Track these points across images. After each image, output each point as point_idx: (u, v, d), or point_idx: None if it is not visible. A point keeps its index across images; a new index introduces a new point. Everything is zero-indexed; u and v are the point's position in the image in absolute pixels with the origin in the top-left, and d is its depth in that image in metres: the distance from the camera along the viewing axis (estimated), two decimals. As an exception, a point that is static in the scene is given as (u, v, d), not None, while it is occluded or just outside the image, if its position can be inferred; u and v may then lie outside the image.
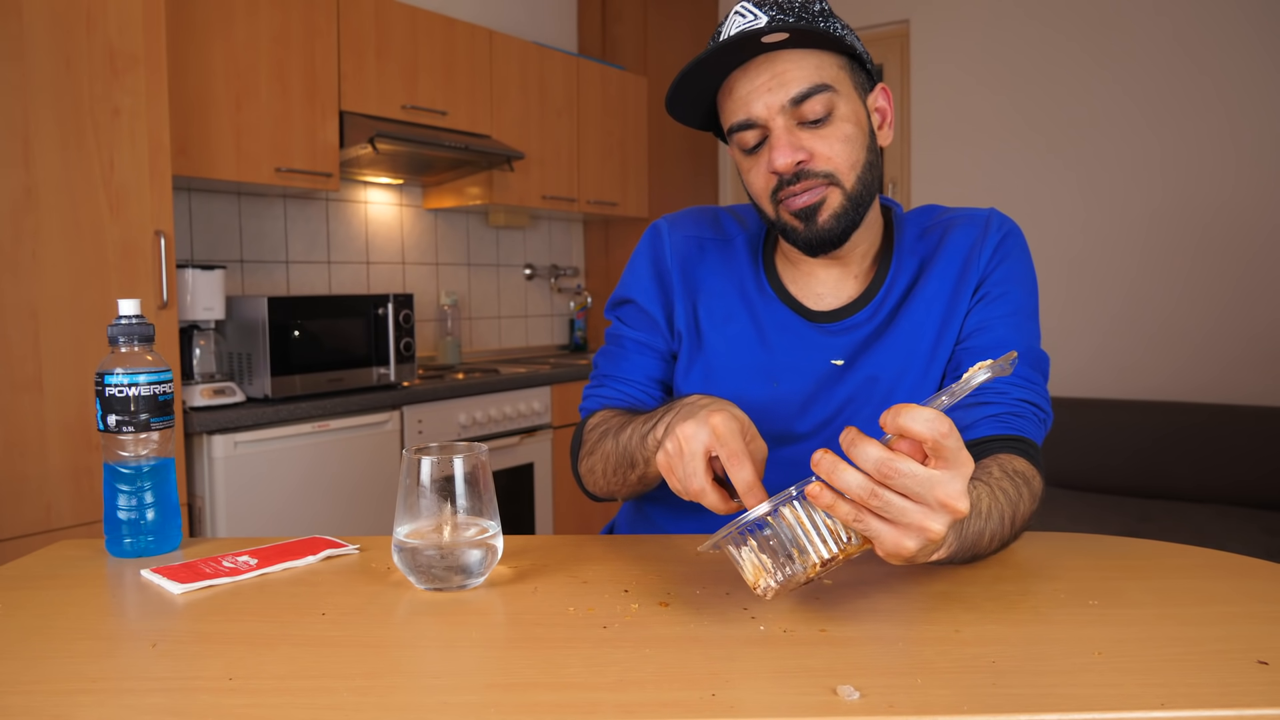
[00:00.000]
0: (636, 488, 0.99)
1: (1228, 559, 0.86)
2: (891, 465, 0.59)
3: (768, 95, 0.92)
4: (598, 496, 1.08)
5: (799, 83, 0.91)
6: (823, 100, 0.92)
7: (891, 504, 0.60)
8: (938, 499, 0.60)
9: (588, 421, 1.08)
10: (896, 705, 0.55)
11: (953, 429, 0.60)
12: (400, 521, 0.78)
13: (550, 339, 3.95)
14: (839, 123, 0.93)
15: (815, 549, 0.65)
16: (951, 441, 0.60)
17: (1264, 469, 2.78)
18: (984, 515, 0.77)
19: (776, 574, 0.66)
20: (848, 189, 0.94)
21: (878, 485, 0.60)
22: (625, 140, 3.75)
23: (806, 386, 1.02)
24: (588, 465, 1.04)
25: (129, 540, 0.89)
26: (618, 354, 1.11)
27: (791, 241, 0.98)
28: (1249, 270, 3.07)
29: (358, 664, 0.62)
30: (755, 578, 0.67)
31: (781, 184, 0.94)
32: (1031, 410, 0.95)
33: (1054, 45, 3.37)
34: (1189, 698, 0.56)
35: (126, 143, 1.95)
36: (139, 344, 0.90)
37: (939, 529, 0.61)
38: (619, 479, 0.98)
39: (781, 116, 0.92)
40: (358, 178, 3.06)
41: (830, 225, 0.95)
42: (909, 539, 0.61)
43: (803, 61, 0.92)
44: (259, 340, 2.30)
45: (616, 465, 0.97)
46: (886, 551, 0.63)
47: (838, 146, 0.93)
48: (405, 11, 2.82)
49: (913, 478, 0.60)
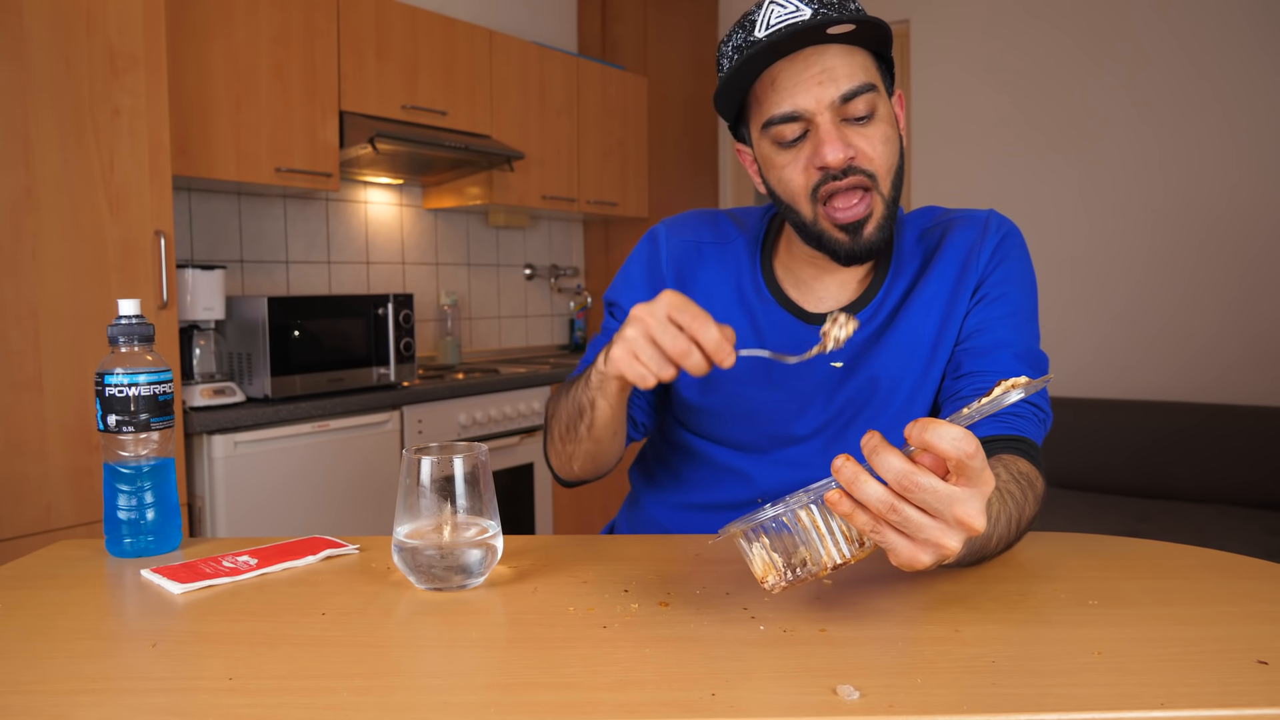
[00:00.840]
0: (585, 444, 0.97)
1: (1228, 559, 0.86)
2: (913, 479, 0.59)
3: (818, 89, 0.90)
4: (565, 480, 1.08)
5: (849, 79, 0.90)
6: (868, 99, 0.91)
7: (910, 519, 0.60)
8: (955, 516, 0.59)
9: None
10: (896, 705, 0.55)
11: (979, 449, 0.58)
12: (400, 521, 0.78)
13: (550, 339, 3.95)
14: (880, 123, 0.93)
15: (829, 552, 0.65)
16: (976, 462, 0.59)
17: (1264, 469, 2.78)
18: (992, 520, 0.77)
19: (786, 573, 0.66)
20: (885, 195, 0.94)
21: (897, 499, 0.59)
22: (625, 140, 3.75)
23: (806, 389, 1.02)
24: (549, 439, 1.05)
25: (129, 540, 0.89)
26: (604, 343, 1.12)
27: (826, 249, 0.96)
28: (1250, 270, 3.07)
29: (358, 664, 0.62)
30: (764, 573, 0.67)
31: (825, 179, 0.92)
32: (1032, 410, 0.95)
33: (1054, 45, 3.37)
34: (1189, 698, 0.56)
35: (126, 143, 1.95)
36: (139, 344, 0.90)
37: (954, 546, 0.60)
38: (572, 437, 0.97)
39: (829, 111, 0.91)
40: (358, 178, 3.06)
41: (875, 238, 0.94)
42: (924, 554, 0.61)
43: (851, 59, 0.91)
44: (259, 340, 2.30)
45: (567, 422, 0.97)
46: (900, 561, 0.63)
47: (880, 147, 0.93)
48: (405, 11, 2.82)
49: (933, 493, 0.59)
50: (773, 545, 0.66)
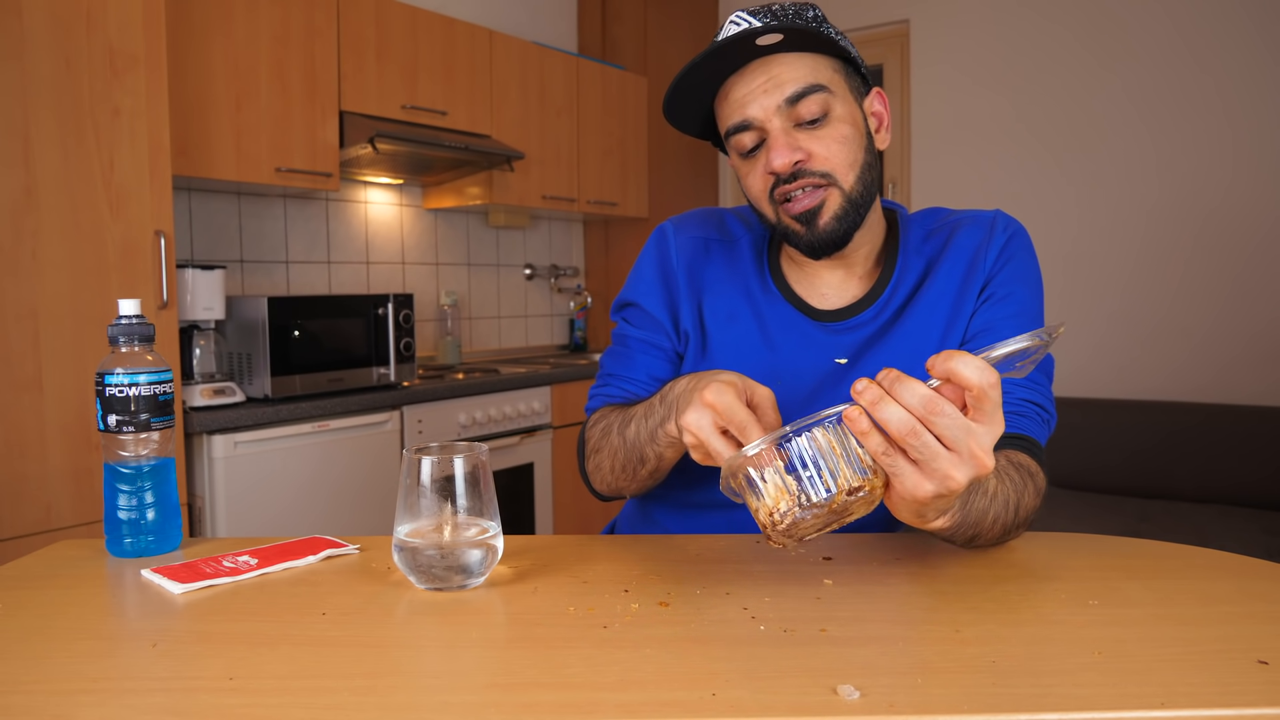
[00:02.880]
0: (648, 482, 0.99)
1: (1228, 559, 0.86)
2: (938, 405, 0.60)
3: (764, 97, 0.92)
4: (605, 496, 1.08)
5: (794, 83, 0.92)
6: (818, 100, 0.92)
7: (928, 445, 0.61)
8: (970, 450, 0.61)
9: (590, 419, 1.09)
10: (896, 705, 0.55)
11: (999, 382, 0.61)
12: (400, 521, 0.78)
13: (550, 339, 3.95)
14: (835, 123, 0.94)
15: (844, 474, 0.64)
16: (995, 394, 0.61)
17: (1264, 469, 2.78)
18: (989, 495, 0.77)
19: (800, 497, 0.64)
20: (846, 189, 0.95)
21: (919, 424, 0.61)
22: (625, 140, 3.75)
23: (810, 385, 1.02)
24: (594, 463, 1.04)
25: (129, 540, 0.89)
26: (623, 353, 1.12)
27: (794, 245, 0.99)
28: (1248, 269, 3.07)
29: (358, 664, 0.62)
30: (776, 501, 0.65)
31: (778, 183, 0.95)
32: (1035, 410, 0.96)
33: (1054, 45, 3.38)
34: (1189, 698, 0.56)
35: (126, 143, 1.95)
36: (139, 344, 0.90)
37: (961, 480, 0.62)
38: (628, 474, 0.99)
39: (778, 117, 0.93)
40: (358, 178, 3.06)
41: (832, 227, 0.95)
42: (930, 483, 0.62)
43: (797, 63, 0.93)
44: (259, 340, 2.30)
45: (625, 461, 0.97)
46: (902, 493, 0.63)
47: (835, 147, 0.94)
48: (405, 11, 2.82)
49: (955, 422, 0.60)
50: (786, 469, 0.65)
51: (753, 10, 0.94)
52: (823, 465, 0.64)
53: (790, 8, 0.95)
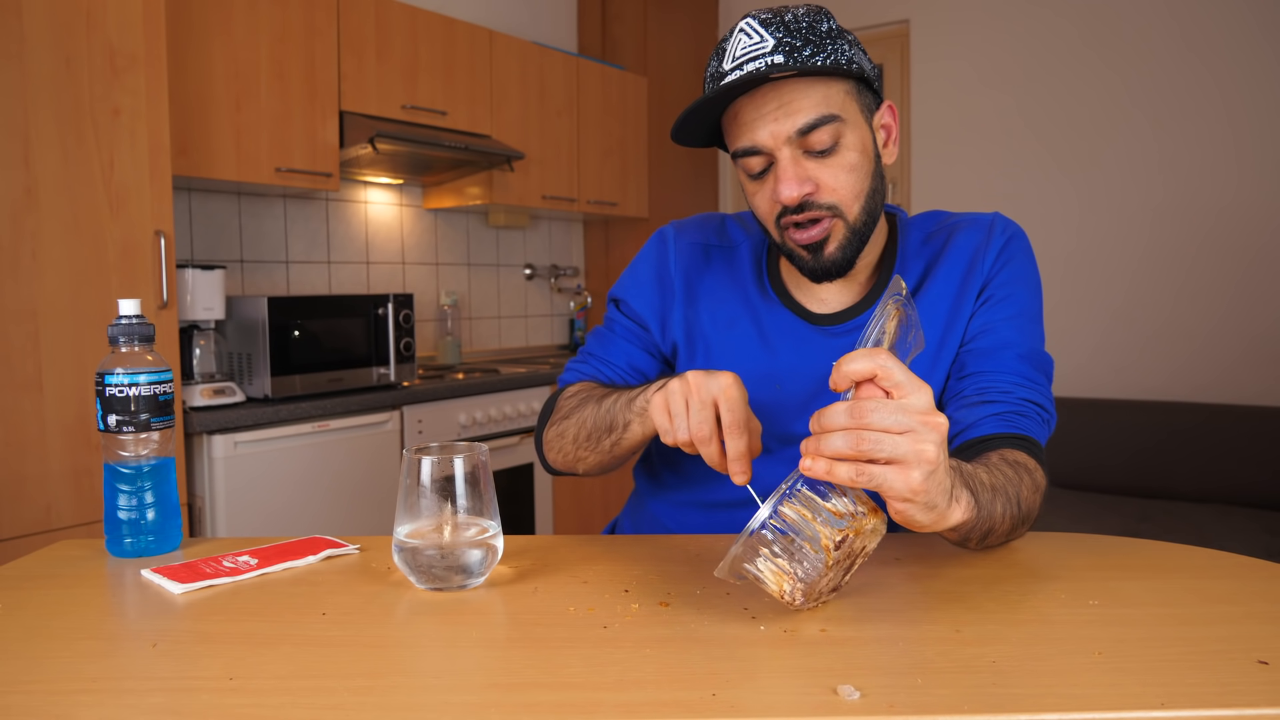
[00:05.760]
0: (605, 456, 0.99)
1: (1228, 559, 0.86)
2: (860, 405, 0.63)
3: (774, 125, 0.91)
4: (555, 468, 1.08)
5: (806, 113, 0.90)
6: (830, 130, 0.91)
7: (880, 440, 0.63)
8: (916, 419, 0.63)
9: (564, 390, 1.10)
10: (896, 705, 0.55)
11: (890, 357, 0.64)
12: (400, 521, 0.78)
13: (550, 339, 3.95)
14: (845, 152, 0.92)
15: (824, 535, 0.66)
16: (895, 368, 0.64)
17: (1264, 469, 2.78)
18: (989, 487, 0.77)
19: (796, 571, 0.66)
20: (851, 220, 0.95)
21: (859, 430, 0.63)
22: (625, 140, 3.75)
23: (809, 388, 1.02)
24: (556, 430, 1.05)
25: (129, 540, 0.89)
26: (607, 336, 1.14)
27: (797, 267, 0.99)
28: (1250, 270, 3.07)
29: (358, 664, 0.63)
30: (779, 584, 0.67)
31: (785, 211, 0.94)
32: (1035, 410, 0.96)
33: (1055, 44, 3.37)
34: (1189, 698, 0.56)
35: (126, 143, 1.95)
36: (139, 344, 0.90)
37: (931, 449, 0.63)
38: (590, 444, 0.99)
39: (788, 146, 0.91)
40: (358, 178, 3.06)
41: (836, 256, 0.96)
42: (912, 469, 0.63)
43: (810, 91, 0.90)
44: (259, 340, 2.30)
45: (592, 430, 0.98)
46: (899, 495, 0.64)
47: (843, 177, 0.93)
48: (405, 11, 2.81)
49: (884, 407, 0.63)
50: (773, 554, 0.67)
51: (764, 20, 0.91)
52: (801, 536, 0.66)
53: (804, 18, 0.92)
